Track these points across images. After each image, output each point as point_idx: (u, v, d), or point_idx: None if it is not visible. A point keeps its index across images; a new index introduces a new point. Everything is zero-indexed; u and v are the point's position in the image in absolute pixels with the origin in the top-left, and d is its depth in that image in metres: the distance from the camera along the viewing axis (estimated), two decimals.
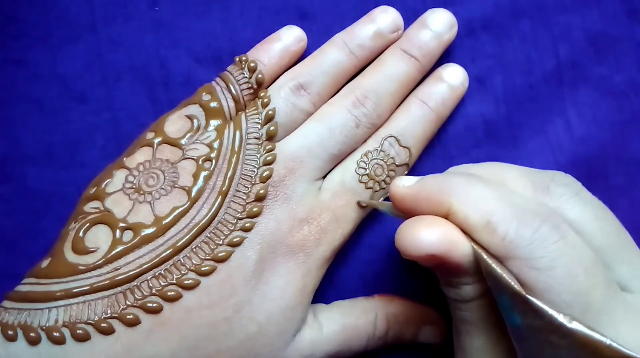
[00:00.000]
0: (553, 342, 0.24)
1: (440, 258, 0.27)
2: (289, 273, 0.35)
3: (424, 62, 0.39)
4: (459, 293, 0.29)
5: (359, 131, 0.37)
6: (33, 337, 0.31)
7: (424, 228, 0.27)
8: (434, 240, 0.27)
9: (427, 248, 0.27)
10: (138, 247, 0.33)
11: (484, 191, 0.28)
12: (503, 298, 0.26)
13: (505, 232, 0.26)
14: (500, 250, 0.26)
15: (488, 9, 0.41)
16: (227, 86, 0.38)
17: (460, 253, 0.27)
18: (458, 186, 0.29)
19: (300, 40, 0.40)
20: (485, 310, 0.29)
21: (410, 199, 0.30)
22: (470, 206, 0.27)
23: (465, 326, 0.30)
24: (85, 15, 0.41)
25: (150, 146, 0.36)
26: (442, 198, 0.28)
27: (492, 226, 0.26)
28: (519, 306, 0.25)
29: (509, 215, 0.26)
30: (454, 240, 0.27)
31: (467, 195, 0.28)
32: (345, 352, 0.37)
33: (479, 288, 0.28)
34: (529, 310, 0.24)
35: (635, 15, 0.41)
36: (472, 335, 0.29)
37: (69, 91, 0.40)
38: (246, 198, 0.35)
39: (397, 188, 0.30)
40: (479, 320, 0.29)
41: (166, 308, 0.32)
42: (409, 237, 0.27)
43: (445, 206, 0.28)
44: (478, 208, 0.27)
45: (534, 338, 0.25)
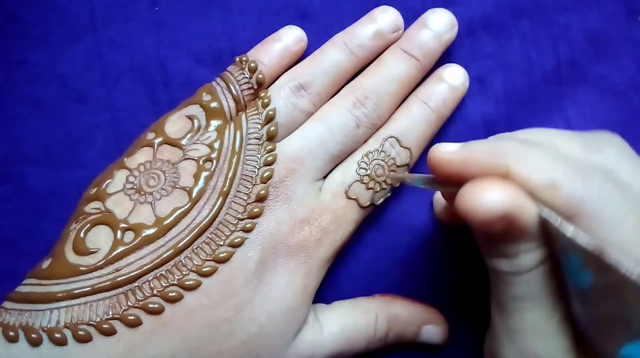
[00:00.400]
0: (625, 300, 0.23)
1: (510, 219, 0.25)
2: (290, 273, 0.35)
3: (424, 62, 0.39)
4: (515, 263, 0.27)
5: (359, 131, 0.37)
6: (34, 338, 0.31)
7: (492, 187, 0.25)
8: (505, 200, 0.24)
9: (498, 208, 0.24)
10: (139, 248, 0.33)
11: (541, 152, 0.27)
12: (572, 258, 0.24)
13: (571, 189, 0.25)
14: (566, 207, 0.25)
15: (488, 9, 0.41)
16: (228, 86, 0.38)
17: (528, 214, 0.25)
18: (513, 149, 0.27)
19: (300, 40, 0.40)
20: (542, 281, 0.27)
21: (458, 164, 0.27)
22: (530, 166, 0.26)
23: (516, 303, 0.28)
24: (85, 15, 0.41)
25: (151, 146, 0.36)
26: (498, 160, 0.26)
27: (557, 185, 0.25)
28: (591, 263, 0.23)
29: (572, 172, 0.25)
30: (522, 200, 0.25)
31: (524, 157, 0.26)
32: (346, 352, 0.37)
33: (538, 255, 0.26)
34: (603, 265, 0.23)
35: (635, 15, 0.41)
36: (525, 312, 0.27)
37: (69, 91, 0.40)
38: (247, 199, 0.35)
39: (442, 154, 0.28)
40: (534, 294, 0.27)
41: (167, 309, 0.32)
42: (477, 198, 0.25)
43: (502, 169, 0.26)
44: (539, 168, 0.26)
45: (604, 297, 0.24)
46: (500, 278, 0.28)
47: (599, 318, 0.24)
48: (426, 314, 0.39)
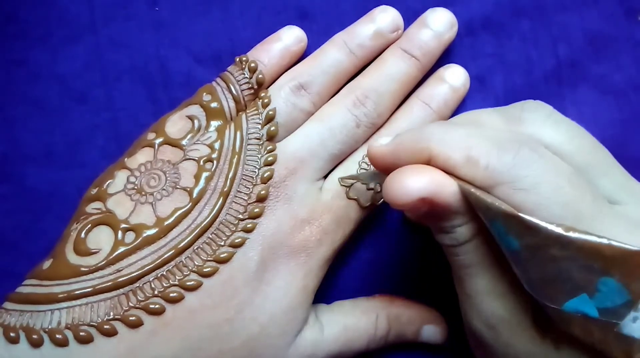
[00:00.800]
0: (553, 256, 0.24)
1: (430, 200, 0.27)
2: (291, 273, 0.35)
3: (424, 61, 0.39)
4: (454, 237, 0.29)
5: (359, 130, 0.37)
6: (35, 339, 0.31)
7: (410, 174, 0.27)
8: (422, 183, 0.27)
9: (416, 192, 0.27)
10: (140, 248, 0.33)
11: (460, 131, 0.28)
12: (497, 225, 0.26)
13: (487, 162, 0.26)
14: (484, 179, 0.26)
15: (488, 9, 0.41)
16: (228, 86, 0.38)
17: (448, 192, 0.27)
18: (434, 132, 0.29)
19: (300, 40, 0.40)
20: (482, 249, 0.29)
21: (389, 155, 0.30)
22: (448, 146, 0.28)
23: (465, 270, 0.30)
24: (85, 16, 0.41)
25: (152, 146, 0.36)
26: (421, 145, 0.28)
27: (473, 160, 0.27)
28: (513, 228, 0.25)
29: (487, 146, 0.27)
30: (441, 180, 0.27)
31: (444, 138, 0.28)
32: (347, 352, 0.37)
33: (471, 227, 0.28)
34: (524, 229, 0.24)
35: (634, 14, 0.41)
36: (475, 278, 0.30)
37: (69, 91, 0.40)
38: (247, 199, 0.35)
39: (375, 148, 0.30)
40: (478, 261, 0.29)
41: (169, 309, 0.32)
42: (397, 186, 0.27)
43: (425, 153, 0.28)
44: (457, 146, 0.27)
45: (534, 257, 0.25)
46: (447, 251, 0.30)
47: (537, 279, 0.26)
48: (426, 314, 0.39)
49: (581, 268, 0.24)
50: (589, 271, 0.24)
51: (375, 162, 0.31)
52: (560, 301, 0.25)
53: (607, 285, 0.24)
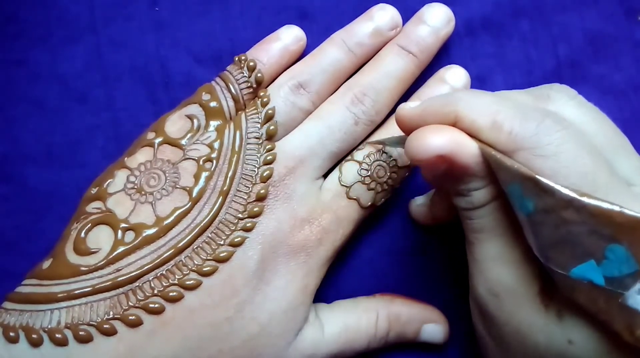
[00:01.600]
0: (565, 219, 0.25)
1: (449, 159, 0.28)
2: (290, 273, 0.35)
3: (421, 57, 0.39)
4: (470, 200, 0.30)
5: (358, 128, 0.37)
6: (35, 339, 0.31)
7: (432, 132, 0.28)
8: (442, 141, 0.28)
9: (436, 149, 0.28)
10: (140, 248, 0.33)
11: (488, 97, 0.29)
12: (514, 187, 0.27)
13: (511, 127, 0.27)
14: (507, 144, 0.27)
15: (488, 9, 0.41)
16: (227, 85, 0.38)
17: (467, 152, 0.28)
18: (462, 97, 0.30)
19: (299, 39, 0.40)
20: (497, 214, 0.29)
21: (417, 117, 0.30)
22: (475, 110, 0.28)
23: (477, 235, 0.30)
24: (86, 16, 0.41)
25: (151, 146, 0.36)
26: (449, 108, 0.29)
27: (498, 124, 0.27)
28: (530, 190, 0.26)
29: (512, 113, 0.28)
30: (461, 140, 0.28)
31: (471, 102, 0.29)
32: (348, 351, 0.37)
33: (488, 192, 0.29)
34: (540, 191, 0.25)
35: (634, 14, 0.41)
36: (486, 243, 0.30)
37: (69, 91, 0.40)
38: (247, 198, 0.35)
39: (403, 110, 0.31)
40: (492, 226, 0.30)
41: (168, 308, 0.32)
42: (418, 142, 0.28)
43: (452, 115, 0.29)
44: (483, 111, 0.28)
45: (547, 220, 0.26)
46: (463, 215, 0.31)
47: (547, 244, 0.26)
48: (427, 313, 0.39)
49: (591, 233, 0.25)
50: (598, 237, 0.25)
51: (402, 124, 0.31)
52: (568, 267, 0.26)
53: (615, 253, 0.24)
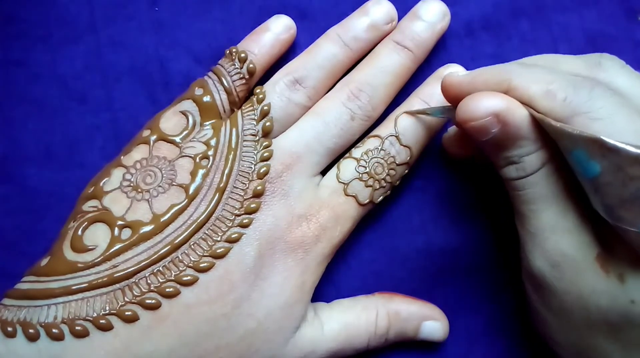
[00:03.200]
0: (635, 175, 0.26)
1: (503, 118, 0.29)
2: (288, 269, 0.35)
3: (417, 53, 0.39)
4: (522, 166, 0.30)
5: (354, 123, 0.37)
6: (32, 333, 0.31)
7: (486, 94, 0.29)
8: (497, 102, 0.29)
9: (492, 107, 0.29)
10: (136, 245, 0.33)
11: (540, 69, 0.30)
12: (577, 152, 0.27)
13: (565, 94, 0.28)
14: (562, 111, 0.28)
15: (487, 9, 0.41)
16: (219, 78, 0.38)
17: (520, 115, 0.29)
18: (516, 67, 0.31)
19: (289, 28, 0.40)
20: (549, 180, 0.30)
21: (466, 84, 0.31)
22: (529, 79, 0.30)
23: (531, 206, 0.31)
24: (85, 16, 0.41)
25: (147, 143, 0.36)
26: (502, 77, 0.30)
27: (552, 93, 0.29)
28: (596, 152, 0.26)
29: (565, 82, 0.29)
30: (514, 103, 0.29)
31: (524, 72, 0.30)
32: (347, 350, 0.37)
33: (540, 156, 0.30)
34: (606, 151, 0.26)
35: (633, 14, 0.41)
36: (540, 214, 0.31)
37: (69, 91, 0.40)
38: (244, 195, 0.35)
39: (452, 77, 0.32)
40: (545, 194, 0.31)
41: (165, 304, 0.32)
42: (474, 102, 0.29)
43: (504, 84, 0.30)
44: (537, 80, 0.29)
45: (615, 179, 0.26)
46: (513, 187, 0.32)
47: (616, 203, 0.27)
48: (426, 310, 0.39)
49: None
50: None
51: (450, 91, 0.32)
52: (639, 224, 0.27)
53: None
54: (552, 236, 0.31)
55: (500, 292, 0.40)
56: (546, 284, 0.31)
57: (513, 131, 0.29)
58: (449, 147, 0.40)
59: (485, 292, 0.40)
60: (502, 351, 0.40)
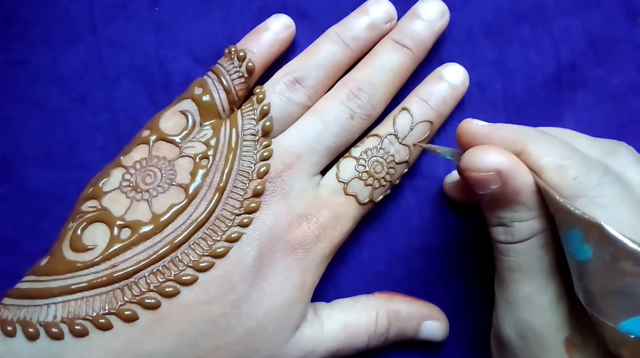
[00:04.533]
0: (624, 270, 0.25)
1: (505, 177, 0.29)
2: (288, 269, 0.35)
3: (416, 51, 0.39)
4: (511, 231, 0.30)
5: (354, 122, 0.37)
6: (32, 333, 0.31)
7: (496, 149, 0.29)
8: (504, 159, 0.29)
9: (497, 163, 0.29)
10: (136, 244, 0.33)
11: (558, 141, 0.30)
12: (573, 232, 0.27)
13: (576, 174, 0.28)
14: (569, 189, 0.28)
15: (488, 15, 0.41)
16: (219, 78, 0.38)
17: (523, 179, 0.29)
18: (534, 133, 0.30)
19: (288, 27, 0.40)
20: (534, 253, 0.30)
21: (482, 136, 0.31)
22: (545, 148, 0.29)
23: (511, 274, 0.31)
24: (85, 16, 0.41)
25: (147, 143, 0.36)
26: (518, 138, 0.30)
27: (564, 168, 0.28)
28: (592, 236, 0.26)
29: (579, 162, 0.29)
30: (521, 166, 0.29)
31: (542, 139, 0.30)
32: (348, 349, 0.37)
33: (532, 225, 0.30)
34: (603, 238, 0.26)
35: (634, 16, 0.41)
36: (519, 284, 0.31)
37: (69, 91, 0.40)
38: (244, 194, 0.35)
39: (470, 124, 0.32)
40: (528, 265, 0.30)
41: (164, 304, 0.32)
42: (481, 153, 0.29)
43: (519, 146, 0.30)
44: (552, 152, 0.29)
45: (604, 269, 0.26)
46: (498, 250, 0.31)
47: (599, 293, 0.27)
48: (426, 310, 0.39)
49: None
50: None
51: (464, 137, 0.32)
52: (617, 320, 0.26)
53: None
54: (526, 308, 0.30)
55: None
56: (510, 351, 0.31)
57: (511, 194, 0.29)
58: (449, 190, 0.40)
59: (485, 292, 0.40)
60: None
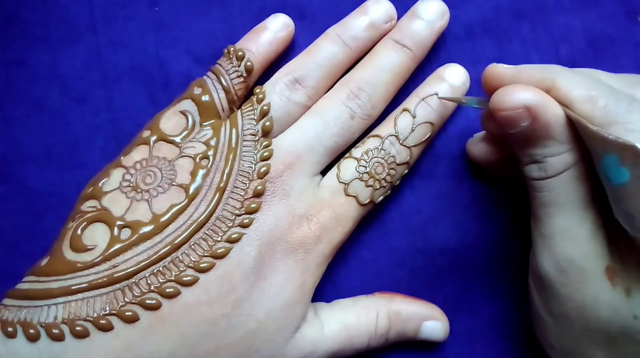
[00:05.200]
0: None
1: (534, 112, 0.29)
2: (288, 269, 0.35)
3: (416, 51, 0.39)
4: (544, 167, 0.31)
5: (354, 122, 0.37)
6: (32, 334, 0.31)
7: (523, 87, 0.30)
8: (533, 95, 0.29)
9: (526, 99, 0.29)
10: (136, 245, 0.33)
11: (584, 76, 0.31)
12: (609, 158, 0.28)
13: (605, 102, 0.29)
14: (602, 117, 0.29)
15: (488, 12, 0.41)
16: (218, 77, 0.38)
17: (553, 112, 0.29)
18: (561, 70, 0.31)
19: (287, 26, 0.40)
20: (569, 186, 0.31)
21: (510, 76, 0.32)
22: (573, 82, 0.30)
23: (547, 209, 0.31)
24: (85, 16, 0.41)
25: (147, 144, 0.36)
26: (546, 75, 0.31)
27: (593, 99, 0.29)
28: (627, 159, 0.27)
29: (607, 92, 0.29)
30: (550, 101, 0.30)
31: (569, 75, 0.31)
32: (348, 350, 0.37)
33: (565, 159, 0.30)
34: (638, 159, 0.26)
35: (633, 15, 0.41)
36: (555, 218, 0.31)
37: (69, 91, 0.40)
38: (244, 194, 0.35)
39: (497, 68, 0.32)
40: (561, 200, 0.31)
41: (165, 304, 0.32)
42: (509, 91, 0.30)
43: (549, 82, 0.30)
44: (581, 84, 0.30)
45: None
46: (533, 187, 0.32)
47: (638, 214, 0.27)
48: (427, 310, 0.39)
49: None
50: None
51: (492, 80, 0.32)
52: None
53: None
54: (563, 241, 0.31)
55: (500, 292, 0.40)
56: (551, 287, 0.32)
57: (542, 128, 0.30)
58: (472, 150, 0.40)
59: (485, 292, 0.40)
60: (502, 351, 0.40)
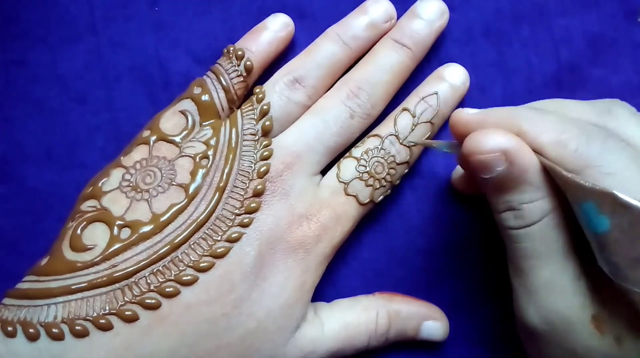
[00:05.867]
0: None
1: (511, 157, 0.28)
2: (288, 269, 0.35)
3: (416, 50, 0.39)
4: (520, 214, 0.30)
5: (354, 121, 0.37)
6: (32, 333, 0.31)
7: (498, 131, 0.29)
8: (507, 139, 0.28)
9: (501, 143, 0.28)
10: (135, 244, 0.33)
11: (552, 116, 0.30)
12: (587, 206, 0.27)
13: (576, 145, 0.28)
14: (573, 162, 0.28)
15: (488, 16, 0.41)
16: (217, 77, 0.38)
17: (529, 158, 0.28)
18: (527, 113, 0.30)
19: (287, 25, 0.40)
20: (550, 234, 0.29)
21: (476, 124, 0.30)
22: (540, 126, 0.29)
23: (528, 261, 0.30)
24: (85, 16, 0.41)
25: (147, 144, 0.36)
26: (512, 121, 0.29)
27: (563, 143, 0.28)
28: (606, 207, 0.26)
29: (577, 133, 0.28)
30: (524, 146, 0.28)
31: (536, 118, 0.30)
32: (348, 349, 0.37)
33: (542, 205, 0.29)
34: (618, 207, 0.25)
35: (633, 16, 0.41)
36: (537, 269, 0.30)
37: (69, 91, 0.41)
38: (244, 194, 0.35)
39: (462, 114, 0.31)
40: (544, 248, 0.30)
41: (165, 304, 0.32)
42: (482, 136, 0.29)
43: (515, 128, 0.29)
44: (548, 128, 0.29)
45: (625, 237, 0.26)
46: (511, 238, 0.31)
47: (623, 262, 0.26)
48: (427, 310, 0.39)
49: None
50: None
51: (458, 127, 0.31)
52: None
53: None
54: (548, 294, 0.30)
55: (500, 292, 0.40)
56: (540, 338, 0.31)
57: (518, 173, 0.28)
58: (457, 183, 0.40)
59: (484, 292, 0.40)
60: (502, 351, 0.40)
